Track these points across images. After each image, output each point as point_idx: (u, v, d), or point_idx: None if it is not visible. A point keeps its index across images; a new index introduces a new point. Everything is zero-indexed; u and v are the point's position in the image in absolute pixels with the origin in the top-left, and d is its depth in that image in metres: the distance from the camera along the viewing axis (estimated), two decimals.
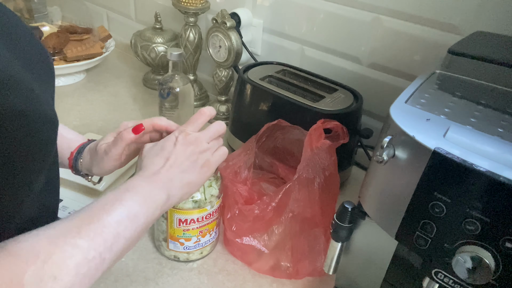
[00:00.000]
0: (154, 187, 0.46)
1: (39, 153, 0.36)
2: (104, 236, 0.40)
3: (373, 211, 0.43)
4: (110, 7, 1.35)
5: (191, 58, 1.03)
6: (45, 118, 0.35)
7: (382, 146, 0.37)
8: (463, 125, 0.37)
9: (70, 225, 0.39)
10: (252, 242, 0.59)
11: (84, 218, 0.40)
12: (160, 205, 0.46)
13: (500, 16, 0.64)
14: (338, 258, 0.50)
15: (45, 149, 0.37)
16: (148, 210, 0.44)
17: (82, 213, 0.41)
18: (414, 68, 0.77)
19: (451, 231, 0.35)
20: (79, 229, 0.39)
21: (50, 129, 0.36)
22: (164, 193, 0.46)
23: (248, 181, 0.65)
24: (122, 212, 0.42)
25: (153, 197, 0.45)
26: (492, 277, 0.34)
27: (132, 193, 0.44)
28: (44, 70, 0.40)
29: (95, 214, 0.41)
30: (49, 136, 0.37)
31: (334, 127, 0.63)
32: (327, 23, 0.85)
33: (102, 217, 0.41)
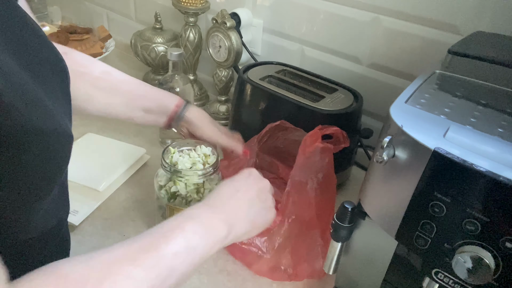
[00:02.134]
0: (218, 218, 0.44)
1: (54, 169, 0.36)
2: (159, 268, 0.37)
3: (373, 211, 0.43)
4: (110, 7, 1.35)
5: (191, 58, 1.03)
6: (61, 134, 0.35)
7: (382, 146, 0.37)
8: (463, 125, 0.37)
9: (127, 251, 0.37)
10: (252, 245, 0.58)
11: (143, 245, 0.38)
12: (220, 240, 0.44)
13: (500, 16, 0.64)
14: (338, 258, 0.50)
15: (59, 164, 0.37)
16: (207, 244, 0.42)
17: (142, 238, 0.39)
18: (414, 68, 0.77)
19: (451, 231, 0.35)
20: (136, 256, 0.37)
21: (65, 145, 0.36)
22: (226, 226, 0.44)
23: None
24: (181, 242, 0.40)
25: (215, 230, 0.43)
26: (492, 277, 0.34)
27: (194, 222, 0.42)
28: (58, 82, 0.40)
29: (154, 242, 0.39)
30: (64, 152, 0.37)
31: (333, 132, 0.63)
32: (327, 23, 0.85)
33: (161, 246, 0.39)
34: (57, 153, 0.35)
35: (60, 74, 0.41)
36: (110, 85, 0.61)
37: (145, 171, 0.80)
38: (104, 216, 0.68)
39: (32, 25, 0.38)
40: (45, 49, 0.39)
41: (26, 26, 0.37)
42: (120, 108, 0.63)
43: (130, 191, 0.75)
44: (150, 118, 0.66)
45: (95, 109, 0.62)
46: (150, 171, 0.80)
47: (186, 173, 0.57)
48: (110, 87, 0.61)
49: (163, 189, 0.59)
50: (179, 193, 0.58)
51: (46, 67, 0.38)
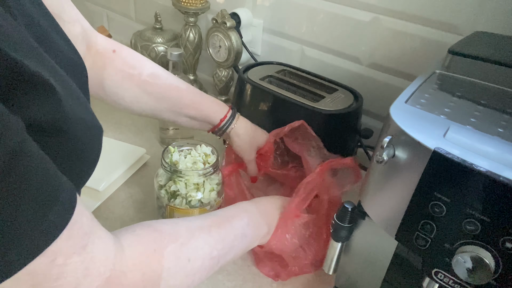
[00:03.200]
0: (264, 220, 0.54)
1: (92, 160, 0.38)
2: (225, 242, 0.47)
3: (373, 211, 0.43)
4: (110, 7, 1.35)
5: (191, 58, 1.03)
6: (96, 125, 0.38)
7: (382, 146, 0.37)
8: (463, 125, 0.37)
9: (204, 223, 0.46)
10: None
11: (215, 221, 0.47)
12: (260, 237, 0.54)
13: (500, 16, 0.64)
14: (338, 258, 0.50)
15: (95, 156, 0.39)
16: (254, 237, 0.52)
17: (212, 216, 0.49)
18: (414, 68, 0.77)
19: (451, 231, 0.35)
20: (210, 228, 0.46)
21: (99, 136, 0.39)
22: (267, 229, 0.55)
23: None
24: (239, 228, 0.50)
25: (261, 228, 0.54)
26: (492, 277, 0.34)
27: (248, 215, 0.52)
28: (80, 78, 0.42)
29: (223, 221, 0.48)
30: (99, 144, 0.39)
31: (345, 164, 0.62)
32: (327, 23, 0.85)
33: (227, 226, 0.48)
34: (94, 143, 0.38)
35: (81, 71, 0.42)
36: (158, 90, 0.62)
37: (145, 171, 0.80)
38: (104, 216, 0.68)
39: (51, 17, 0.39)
40: (67, 46, 0.40)
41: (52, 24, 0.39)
42: (165, 114, 0.64)
43: (130, 191, 0.75)
44: (195, 124, 0.67)
45: (141, 110, 0.63)
46: (150, 171, 0.80)
47: (186, 173, 0.57)
48: (157, 92, 0.62)
49: (163, 189, 0.59)
50: (179, 193, 0.58)
51: (69, 62, 0.39)
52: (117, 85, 0.59)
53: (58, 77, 0.32)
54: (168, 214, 0.59)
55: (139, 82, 0.60)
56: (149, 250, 0.38)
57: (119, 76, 0.59)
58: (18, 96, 0.27)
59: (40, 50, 0.31)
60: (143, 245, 0.39)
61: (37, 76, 0.28)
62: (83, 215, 0.32)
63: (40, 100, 0.28)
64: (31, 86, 0.27)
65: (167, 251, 0.39)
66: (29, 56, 0.28)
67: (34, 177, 0.26)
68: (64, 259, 0.29)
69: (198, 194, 0.58)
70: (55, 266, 0.29)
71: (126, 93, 0.60)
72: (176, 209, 0.58)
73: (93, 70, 0.57)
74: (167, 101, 0.63)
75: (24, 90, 0.27)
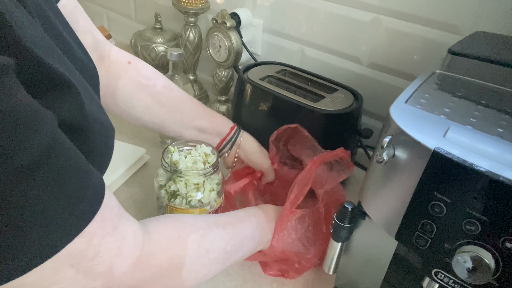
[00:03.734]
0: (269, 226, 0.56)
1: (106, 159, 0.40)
2: (237, 240, 0.50)
3: (373, 211, 0.43)
4: (110, 7, 1.35)
5: (191, 58, 1.03)
6: (110, 126, 0.40)
7: (382, 146, 0.37)
8: (463, 125, 0.37)
9: (219, 220, 0.49)
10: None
11: (228, 220, 0.50)
12: (265, 241, 0.55)
13: (500, 16, 0.64)
14: (338, 258, 0.50)
15: (109, 155, 0.41)
16: (260, 240, 0.54)
17: (225, 215, 0.52)
18: (414, 68, 0.77)
19: (451, 231, 0.35)
20: (225, 225, 0.49)
21: (113, 137, 0.41)
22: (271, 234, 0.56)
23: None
24: (249, 229, 0.52)
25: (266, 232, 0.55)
26: (492, 277, 0.34)
27: (257, 219, 0.55)
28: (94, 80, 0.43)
29: (236, 221, 0.51)
30: (112, 144, 0.41)
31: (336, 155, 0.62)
32: (327, 23, 0.85)
33: (239, 225, 0.51)
34: (108, 143, 0.39)
35: (93, 74, 0.43)
36: (171, 101, 0.63)
37: (145, 171, 0.80)
38: None
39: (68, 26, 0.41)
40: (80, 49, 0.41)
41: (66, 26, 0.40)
42: (175, 125, 0.65)
43: (130, 191, 0.75)
44: (203, 138, 0.67)
45: (150, 122, 0.63)
46: (150, 171, 0.80)
47: (186, 173, 0.57)
48: (170, 104, 0.63)
49: (163, 189, 0.59)
50: (179, 193, 0.58)
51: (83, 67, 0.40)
52: (131, 94, 0.60)
53: (76, 78, 0.33)
54: (168, 213, 0.59)
55: (153, 93, 0.61)
56: (174, 236, 0.42)
57: (134, 86, 0.60)
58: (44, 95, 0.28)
59: (59, 51, 0.32)
60: (169, 231, 0.42)
61: (61, 75, 0.29)
62: (111, 199, 0.34)
63: (65, 99, 0.30)
64: (56, 85, 0.29)
65: (190, 239, 0.43)
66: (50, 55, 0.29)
67: (70, 164, 0.28)
68: (99, 239, 0.31)
69: (198, 194, 0.58)
70: (91, 246, 0.31)
71: (138, 103, 0.61)
72: (176, 209, 0.58)
73: (107, 79, 0.58)
74: (180, 112, 0.64)
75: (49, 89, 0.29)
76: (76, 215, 0.29)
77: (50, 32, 0.34)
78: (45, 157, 0.26)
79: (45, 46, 0.29)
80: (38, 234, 0.26)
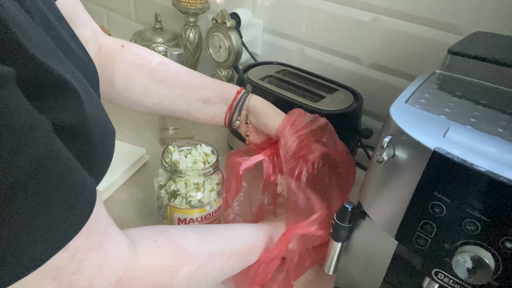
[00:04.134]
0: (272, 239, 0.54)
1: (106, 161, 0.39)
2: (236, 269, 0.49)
3: (373, 211, 0.43)
4: (110, 7, 1.35)
5: (191, 58, 1.03)
6: (110, 128, 0.39)
7: (382, 146, 0.37)
8: (463, 125, 0.37)
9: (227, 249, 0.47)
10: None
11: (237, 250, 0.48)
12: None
13: (500, 16, 0.64)
14: (338, 258, 0.50)
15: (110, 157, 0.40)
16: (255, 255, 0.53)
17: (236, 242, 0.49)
18: (414, 68, 0.77)
19: (451, 231, 0.35)
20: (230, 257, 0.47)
21: (113, 138, 0.40)
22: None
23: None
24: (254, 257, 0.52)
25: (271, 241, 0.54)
26: (492, 277, 0.34)
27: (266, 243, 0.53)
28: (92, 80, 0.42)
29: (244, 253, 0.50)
30: (113, 145, 0.41)
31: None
32: (327, 23, 0.85)
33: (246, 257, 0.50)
34: (109, 144, 0.39)
35: (92, 73, 0.43)
36: (168, 75, 0.61)
37: (145, 171, 0.80)
38: None
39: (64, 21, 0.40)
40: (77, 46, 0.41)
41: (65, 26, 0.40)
42: (177, 101, 0.62)
43: (130, 191, 0.75)
44: (209, 110, 0.63)
45: (152, 103, 0.61)
46: (150, 171, 0.80)
47: (186, 172, 0.57)
48: (168, 78, 0.61)
49: (163, 189, 0.59)
50: (179, 193, 0.58)
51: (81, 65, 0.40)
52: (127, 77, 0.59)
53: (77, 79, 0.33)
54: (168, 214, 0.59)
55: (148, 71, 0.60)
56: (166, 266, 0.39)
57: (129, 68, 0.59)
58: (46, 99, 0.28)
59: (59, 52, 0.32)
60: (161, 258, 0.39)
61: (62, 79, 0.29)
62: (100, 214, 0.33)
63: (65, 102, 0.30)
64: (57, 89, 0.29)
65: (183, 270, 0.40)
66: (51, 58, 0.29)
67: (61, 177, 0.27)
68: (83, 254, 0.31)
69: (198, 194, 0.58)
70: (74, 260, 0.30)
71: (136, 85, 0.60)
72: (176, 209, 0.58)
73: (104, 68, 0.57)
74: (180, 85, 0.61)
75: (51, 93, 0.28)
76: (62, 228, 0.28)
77: (50, 33, 0.34)
78: (38, 170, 0.25)
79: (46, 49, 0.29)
80: (23, 246, 0.26)
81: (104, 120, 0.38)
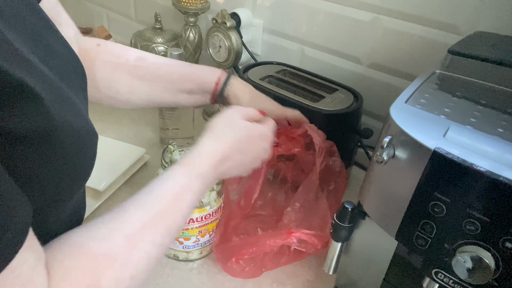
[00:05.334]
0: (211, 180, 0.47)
1: (85, 166, 0.36)
2: (174, 233, 0.41)
3: (373, 211, 0.43)
4: (110, 7, 1.35)
5: (191, 58, 1.03)
6: (89, 131, 0.36)
7: (382, 146, 0.37)
8: (463, 125, 0.37)
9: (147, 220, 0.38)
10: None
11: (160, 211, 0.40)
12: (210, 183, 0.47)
13: (500, 16, 0.64)
14: (338, 258, 0.50)
15: (89, 162, 0.37)
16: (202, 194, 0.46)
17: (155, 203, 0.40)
18: (414, 68, 0.77)
19: (451, 231, 0.35)
20: (156, 225, 0.39)
21: (93, 142, 0.37)
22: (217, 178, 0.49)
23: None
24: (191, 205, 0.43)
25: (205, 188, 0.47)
26: (492, 277, 0.34)
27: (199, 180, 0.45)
28: (80, 82, 0.41)
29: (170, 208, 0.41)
30: (93, 150, 0.37)
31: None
32: (327, 23, 0.85)
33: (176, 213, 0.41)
34: (86, 150, 0.36)
35: (79, 72, 0.41)
36: (147, 71, 0.61)
37: (145, 171, 0.80)
38: None
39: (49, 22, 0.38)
40: (63, 47, 0.39)
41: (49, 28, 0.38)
42: (163, 94, 0.62)
43: (130, 191, 0.75)
44: (195, 99, 0.64)
45: (139, 100, 0.62)
46: (150, 171, 0.80)
47: None
48: (148, 74, 0.61)
49: None
50: None
51: (66, 66, 0.38)
52: (109, 78, 0.59)
53: (46, 83, 0.31)
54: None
55: (128, 69, 0.60)
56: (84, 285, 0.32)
57: (108, 68, 0.59)
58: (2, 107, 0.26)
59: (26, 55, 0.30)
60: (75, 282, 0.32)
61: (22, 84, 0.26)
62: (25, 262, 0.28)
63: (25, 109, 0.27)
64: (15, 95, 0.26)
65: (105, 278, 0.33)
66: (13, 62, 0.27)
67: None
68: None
69: None
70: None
71: (119, 85, 0.60)
72: None
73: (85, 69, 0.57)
74: (160, 80, 0.61)
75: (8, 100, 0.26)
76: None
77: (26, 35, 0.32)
78: None
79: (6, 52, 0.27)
80: None
81: (82, 124, 0.35)
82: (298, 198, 0.62)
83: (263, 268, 0.59)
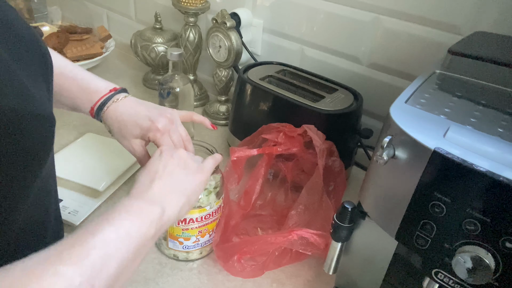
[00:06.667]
0: (146, 203, 0.43)
1: (36, 153, 0.35)
2: (91, 259, 0.34)
3: (373, 211, 0.43)
4: (110, 7, 1.35)
5: (191, 58, 1.03)
6: (40, 116, 0.34)
7: (382, 146, 0.37)
8: (463, 125, 0.37)
9: (50, 252, 0.33)
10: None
11: (67, 243, 0.35)
12: (155, 219, 0.41)
13: (500, 16, 0.64)
14: (338, 258, 0.50)
15: (42, 149, 0.36)
16: (142, 227, 0.40)
17: (65, 239, 0.36)
18: (414, 68, 0.77)
19: (451, 231, 0.35)
20: (60, 254, 0.33)
21: (45, 128, 0.35)
22: (158, 206, 0.43)
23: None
24: (110, 231, 0.37)
25: (146, 213, 0.41)
26: (492, 277, 0.34)
27: (121, 213, 0.40)
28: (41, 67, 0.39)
29: (79, 237, 0.36)
30: (46, 136, 0.36)
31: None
32: (327, 23, 0.85)
33: (87, 239, 0.36)
34: (36, 136, 0.34)
35: (42, 59, 0.40)
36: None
37: None
38: None
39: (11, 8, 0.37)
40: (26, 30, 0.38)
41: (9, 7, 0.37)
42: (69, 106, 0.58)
43: None
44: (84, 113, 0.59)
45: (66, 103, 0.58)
46: None
47: None
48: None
49: None
50: None
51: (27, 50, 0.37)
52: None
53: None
54: None
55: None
56: None
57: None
58: None
59: None
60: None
61: None
62: None
63: None
64: None
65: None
66: None
67: None
68: None
69: None
70: None
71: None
72: None
73: None
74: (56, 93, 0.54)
75: None
76: None
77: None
78: None
79: None
80: None
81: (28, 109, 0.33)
82: (302, 200, 0.62)
83: (264, 269, 0.59)
